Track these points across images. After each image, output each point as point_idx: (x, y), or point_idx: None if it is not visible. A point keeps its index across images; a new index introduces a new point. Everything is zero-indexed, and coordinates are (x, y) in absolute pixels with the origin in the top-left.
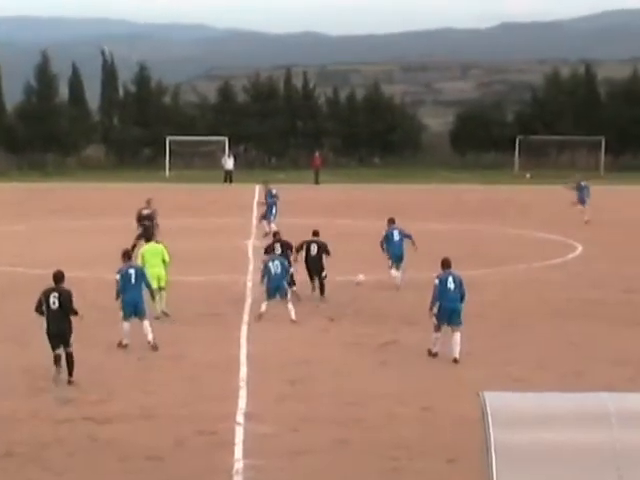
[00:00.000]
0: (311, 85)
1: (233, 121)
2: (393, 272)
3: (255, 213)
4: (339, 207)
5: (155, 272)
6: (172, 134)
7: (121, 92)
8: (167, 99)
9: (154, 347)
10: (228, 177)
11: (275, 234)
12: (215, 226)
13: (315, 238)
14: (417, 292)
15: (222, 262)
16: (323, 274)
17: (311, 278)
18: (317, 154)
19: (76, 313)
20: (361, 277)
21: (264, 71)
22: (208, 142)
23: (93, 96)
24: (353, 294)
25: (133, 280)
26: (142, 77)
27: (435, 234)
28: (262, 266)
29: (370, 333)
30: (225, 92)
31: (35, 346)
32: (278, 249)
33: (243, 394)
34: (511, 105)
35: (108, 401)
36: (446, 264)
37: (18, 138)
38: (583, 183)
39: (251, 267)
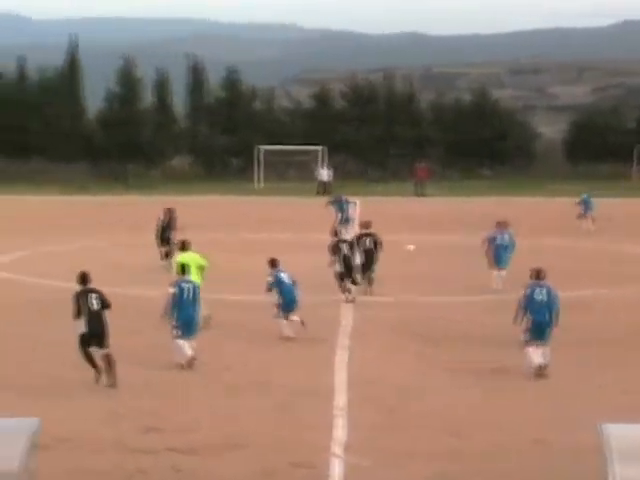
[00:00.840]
0: (414, 89)
1: (329, 128)
2: (496, 275)
3: (357, 229)
4: (444, 222)
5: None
6: (263, 143)
7: (209, 97)
8: (258, 104)
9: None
10: (322, 189)
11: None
12: (308, 242)
13: (368, 231)
14: None
15: (316, 281)
16: (374, 267)
17: (363, 272)
18: (422, 164)
19: (110, 306)
20: (411, 247)
21: (362, 74)
22: (302, 151)
23: (178, 102)
24: (459, 315)
25: (190, 295)
26: (231, 81)
27: (550, 250)
28: (269, 278)
29: (476, 358)
30: (321, 97)
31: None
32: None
33: (340, 423)
34: (630, 111)
35: (192, 430)
36: (536, 275)
37: (98, 147)
38: (585, 195)
39: (352, 287)
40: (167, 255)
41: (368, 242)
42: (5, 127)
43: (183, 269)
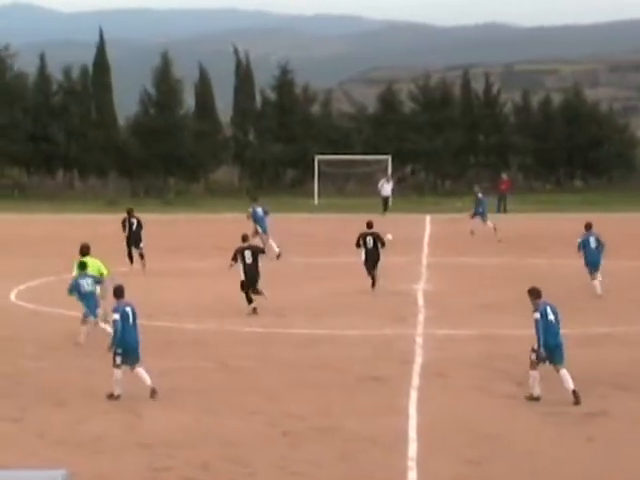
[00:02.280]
0: (495, 90)
1: (397, 135)
2: (595, 283)
3: (426, 250)
4: (530, 242)
5: None
6: (322, 152)
7: (258, 100)
8: (315, 108)
9: (155, 393)
10: (385, 205)
11: (244, 238)
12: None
13: (370, 230)
14: (631, 349)
15: (385, 311)
16: (378, 266)
17: (368, 271)
18: (505, 176)
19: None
20: (389, 236)
21: (435, 73)
22: (366, 162)
23: (223, 106)
24: None
25: (131, 320)
26: (284, 81)
27: None
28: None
29: (572, 400)
30: (387, 99)
31: (152, 416)
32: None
33: (413, 476)
34: None
35: None
36: (537, 294)
37: (132, 159)
38: (480, 195)
39: (421, 317)
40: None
41: (369, 241)
42: (26, 136)
43: (83, 266)
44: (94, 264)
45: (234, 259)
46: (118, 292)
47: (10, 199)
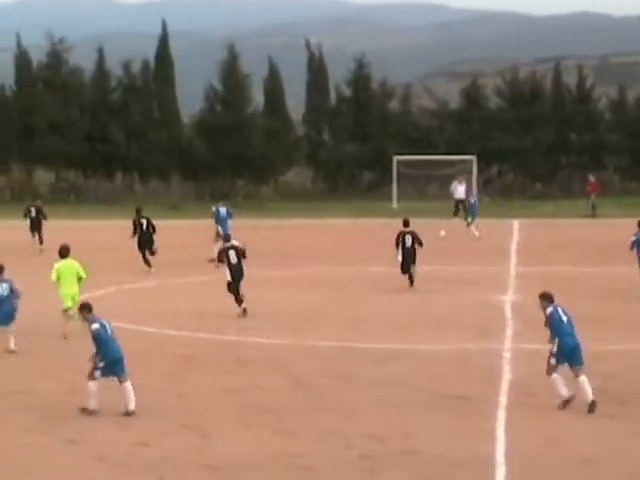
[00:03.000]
0: (588, 84)
1: (482, 134)
2: None
3: (514, 259)
4: (622, 249)
5: (71, 291)
6: (401, 152)
7: (333, 96)
8: (394, 104)
9: (131, 414)
10: (457, 209)
11: (227, 238)
12: (458, 277)
13: (408, 229)
14: None
15: (470, 325)
16: (415, 265)
17: (404, 270)
18: (592, 178)
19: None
20: (442, 233)
21: (524, 65)
22: (449, 162)
23: (294, 102)
24: None
25: (109, 331)
26: (360, 76)
27: None
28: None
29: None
30: (471, 94)
31: (221, 437)
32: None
33: None
34: None
35: None
36: (549, 297)
37: (197, 160)
38: (472, 200)
39: (509, 331)
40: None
41: (408, 239)
42: (83, 136)
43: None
44: (72, 267)
45: (220, 260)
46: (86, 308)
47: (66, 204)
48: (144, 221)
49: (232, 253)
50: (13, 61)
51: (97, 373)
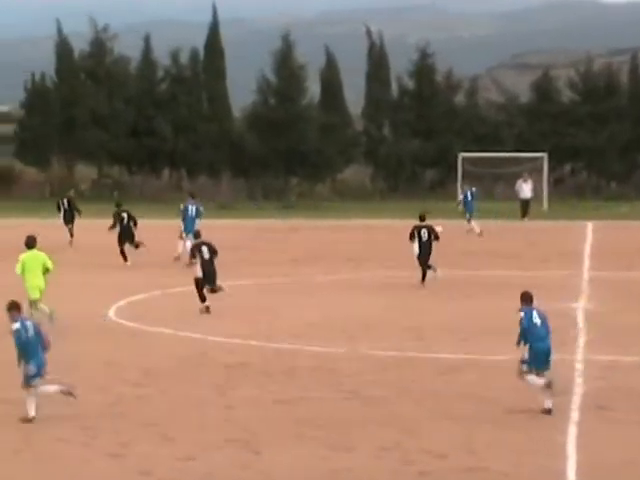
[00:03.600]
0: None
1: (554, 130)
2: None
3: (587, 263)
4: None
5: (36, 283)
6: (467, 149)
7: (394, 89)
8: (460, 98)
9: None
10: (524, 209)
11: (197, 234)
12: (527, 282)
13: (424, 223)
14: None
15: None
16: (430, 260)
17: (421, 264)
18: None
19: None
20: (439, 228)
21: (599, 57)
22: (518, 160)
23: (353, 95)
24: None
25: (32, 332)
26: (423, 67)
27: None
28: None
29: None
30: (542, 87)
31: (271, 452)
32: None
33: None
34: None
35: None
36: (527, 298)
37: (249, 156)
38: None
39: (581, 341)
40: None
41: (424, 233)
42: (128, 130)
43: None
44: (39, 258)
45: (193, 256)
46: (15, 307)
47: (109, 201)
48: (125, 215)
49: (205, 249)
50: (54, 49)
51: (29, 381)
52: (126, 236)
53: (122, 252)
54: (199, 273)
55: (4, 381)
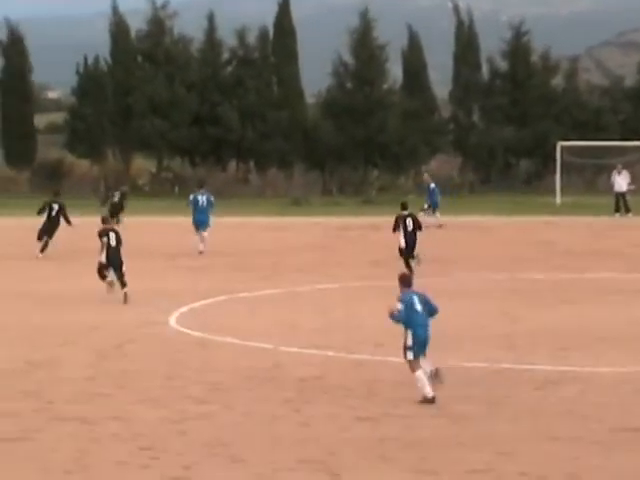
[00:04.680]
0: None
1: None
2: None
3: None
4: None
5: None
6: (566, 137)
7: (485, 71)
8: (557, 81)
9: None
10: (620, 204)
11: (104, 219)
12: (634, 285)
13: (407, 212)
14: None
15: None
16: (416, 250)
17: (407, 254)
18: None
19: None
20: (422, 213)
21: None
22: (623, 149)
23: (439, 78)
24: None
25: None
26: (518, 47)
27: None
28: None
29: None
30: None
31: (353, 475)
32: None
33: None
34: None
35: None
36: (407, 281)
37: (324, 146)
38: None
39: None
40: None
41: (409, 223)
42: (190, 118)
43: None
44: None
45: (101, 237)
46: None
47: (170, 197)
48: (55, 206)
49: (112, 236)
50: (108, 29)
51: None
52: (50, 228)
53: (43, 242)
54: (103, 259)
55: (72, 396)
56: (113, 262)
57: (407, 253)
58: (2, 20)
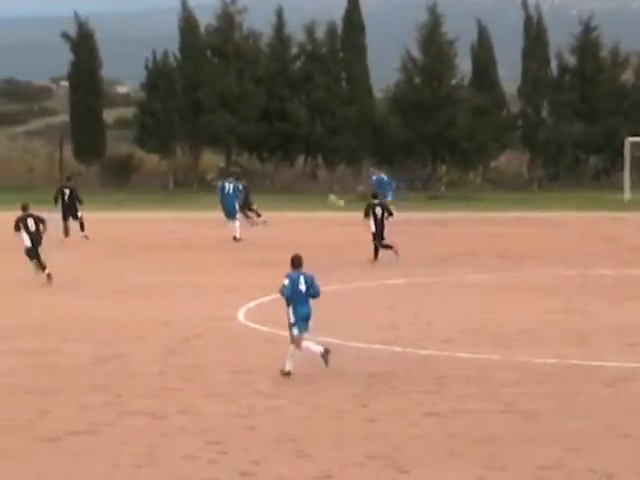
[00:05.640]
0: None
1: None
2: None
3: None
4: None
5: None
6: (636, 133)
7: (554, 66)
8: (628, 76)
9: None
10: None
11: (24, 207)
12: None
13: (377, 201)
14: None
15: None
16: (385, 236)
17: (377, 241)
18: None
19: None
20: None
21: None
22: None
23: (508, 73)
24: None
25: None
26: (587, 42)
27: None
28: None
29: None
30: None
31: (420, 471)
32: (32, 225)
33: None
34: None
35: None
36: (297, 263)
37: (392, 142)
38: (377, 176)
39: None
40: None
41: (379, 211)
42: (258, 113)
43: None
44: None
45: (17, 229)
46: None
47: None
48: (67, 190)
49: (30, 221)
50: (177, 24)
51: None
52: (69, 211)
53: (65, 228)
54: (28, 243)
55: (141, 390)
56: (34, 244)
57: (376, 239)
58: (72, 16)
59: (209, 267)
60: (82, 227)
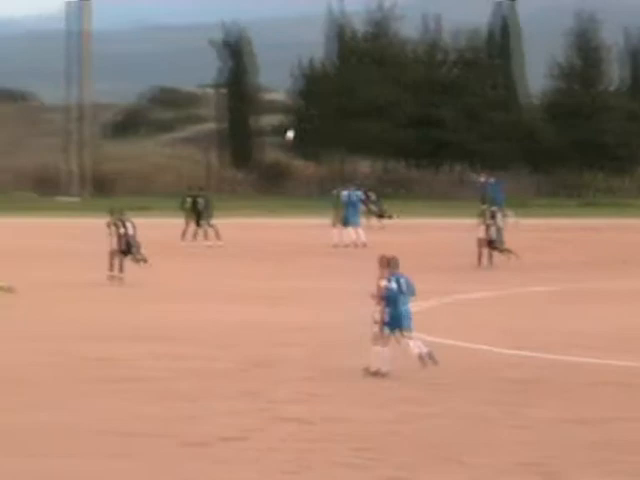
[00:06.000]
0: None
1: None
2: None
3: None
4: None
5: None
6: None
7: None
8: None
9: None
10: None
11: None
12: None
13: (487, 206)
14: None
15: None
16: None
17: (494, 245)
18: None
19: None
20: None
21: None
22: None
23: None
24: None
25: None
26: None
27: None
28: None
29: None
30: None
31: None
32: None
33: None
34: None
35: None
36: (394, 264)
37: (543, 147)
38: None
39: None
40: None
41: (490, 216)
42: (409, 120)
43: None
44: None
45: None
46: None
47: (393, 199)
48: (201, 200)
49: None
50: (330, 30)
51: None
52: (198, 219)
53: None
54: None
55: (290, 396)
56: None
57: (492, 244)
58: (229, 23)
59: (356, 272)
60: (217, 235)
